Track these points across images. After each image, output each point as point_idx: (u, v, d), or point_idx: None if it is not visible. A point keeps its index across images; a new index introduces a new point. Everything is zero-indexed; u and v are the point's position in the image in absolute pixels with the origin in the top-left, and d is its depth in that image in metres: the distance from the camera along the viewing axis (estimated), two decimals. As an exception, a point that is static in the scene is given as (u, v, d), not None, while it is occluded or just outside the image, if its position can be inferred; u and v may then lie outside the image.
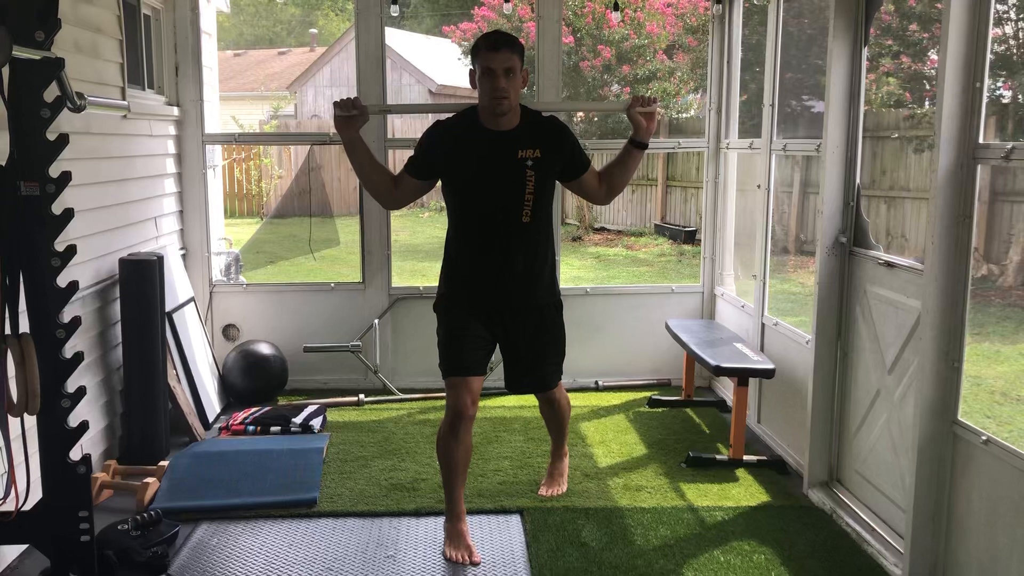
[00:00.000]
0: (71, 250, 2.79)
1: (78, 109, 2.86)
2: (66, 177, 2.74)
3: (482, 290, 3.37)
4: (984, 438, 2.78)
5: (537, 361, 3.54)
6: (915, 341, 3.15)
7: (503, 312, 3.41)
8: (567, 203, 15.12)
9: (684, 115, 13.96)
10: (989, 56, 2.83)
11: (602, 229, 14.52)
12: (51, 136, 2.71)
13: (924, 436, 2.98)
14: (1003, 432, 5.23)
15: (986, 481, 2.79)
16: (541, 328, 3.49)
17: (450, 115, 3.40)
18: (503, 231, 3.30)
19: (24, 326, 2.78)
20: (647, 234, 13.82)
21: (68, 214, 2.76)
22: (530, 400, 4.34)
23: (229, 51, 29.68)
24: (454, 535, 3.37)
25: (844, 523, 3.58)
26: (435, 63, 23.12)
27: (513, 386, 3.64)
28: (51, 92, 2.71)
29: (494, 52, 3.14)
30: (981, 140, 2.83)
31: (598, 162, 3.65)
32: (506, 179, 3.25)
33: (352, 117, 3.26)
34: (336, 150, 15.91)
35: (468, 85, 3.32)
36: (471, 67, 3.26)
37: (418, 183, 3.38)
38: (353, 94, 5.05)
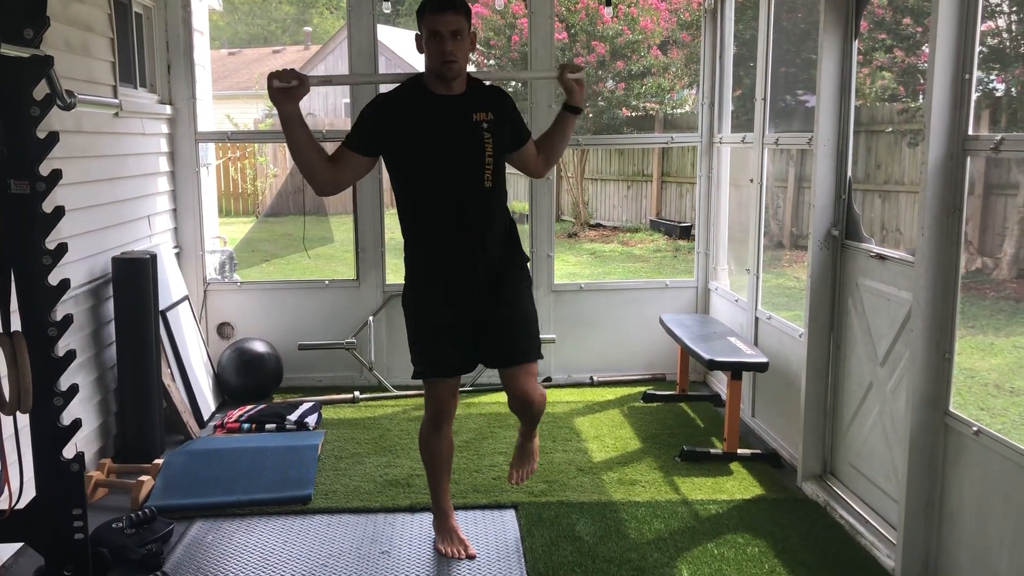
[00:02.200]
0: (62, 248, 2.79)
1: (68, 107, 2.86)
2: (56, 175, 2.74)
3: (448, 265, 3.15)
4: (975, 429, 2.79)
5: (515, 332, 3.22)
6: (907, 333, 3.16)
7: (472, 285, 3.16)
8: (563, 200, 15.14)
9: (679, 111, 13.96)
10: (979, 48, 2.83)
11: (597, 225, 14.53)
12: (41, 134, 2.70)
13: (916, 428, 2.99)
14: (996, 424, 5.25)
15: (978, 472, 2.80)
16: (517, 292, 3.24)
17: (395, 85, 3.19)
18: (465, 198, 3.10)
19: (16, 324, 2.78)
20: (642, 230, 13.83)
21: (59, 212, 2.76)
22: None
23: (223, 50, 29.63)
24: (445, 531, 3.37)
25: (837, 515, 3.59)
26: (430, 60, 23.09)
27: (495, 359, 3.26)
28: (41, 90, 2.70)
29: (439, 14, 2.96)
30: (971, 132, 2.84)
31: (595, 161, 3.62)
32: (463, 143, 3.08)
33: (290, 88, 3.00)
34: (330, 149, 15.87)
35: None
36: (417, 32, 3.08)
37: (361, 159, 3.10)
38: (346, 91, 5.05)
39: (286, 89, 3.02)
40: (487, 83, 3.31)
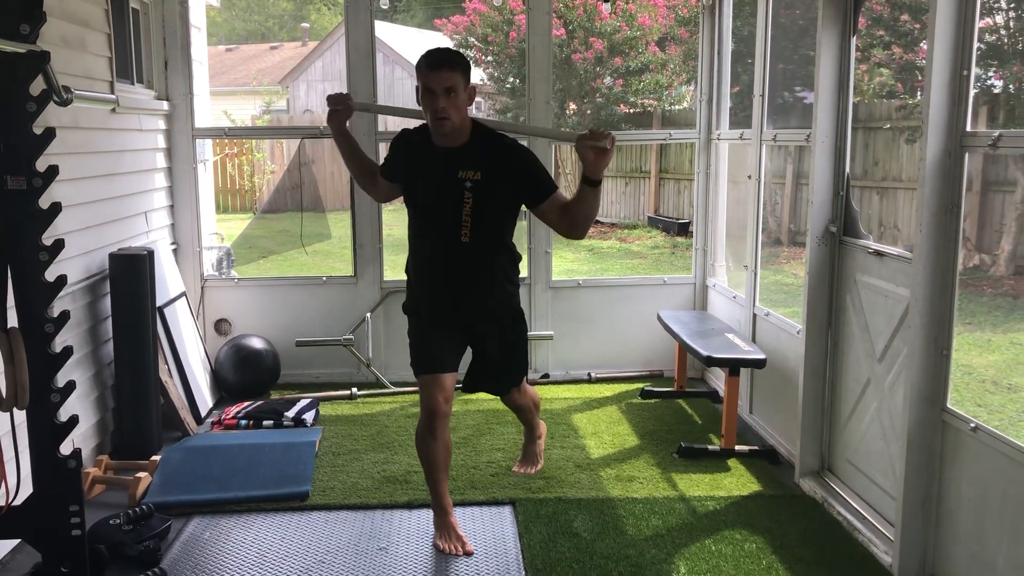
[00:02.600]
0: (59, 244, 2.78)
1: (64, 103, 2.85)
2: (53, 171, 2.73)
3: (430, 304, 3.37)
4: (973, 425, 2.80)
5: (491, 369, 3.50)
6: (904, 329, 3.16)
7: (450, 325, 3.38)
8: (560, 196, 15.11)
9: (677, 107, 13.95)
10: (977, 45, 2.83)
11: (596, 222, 14.52)
12: (38, 130, 2.70)
13: (913, 424, 2.99)
14: (994, 420, 5.25)
15: (975, 468, 2.80)
16: (498, 338, 3.44)
17: (421, 123, 3.29)
18: (442, 248, 3.26)
19: (13, 320, 2.77)
20: (640, 226, 13.82)
21: (55, 208, 2.75)
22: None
23: (221, 46, 29.59)
24: (444, 527, 3.37)
25: (835, 512, 3.60)
26: (427, 57, 23.05)
27: (468, 387, 3.57)
28: (37, 86, 2.70)
29: (434, 71, 3.04)
30: (969, 128, 2.84)
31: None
32: (443, 198, 3.19)
33: (337, 111, 3.40)
34: (329, 145, 15.87)
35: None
36: (416, 84, 3.14)
37: (388, 184, 3.45)
38: (345, 89, 5.06)
39: (334, 111, 3.42)
40: (502, 135, 3.25)
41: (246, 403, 4.82)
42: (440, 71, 3.04)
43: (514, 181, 3.17)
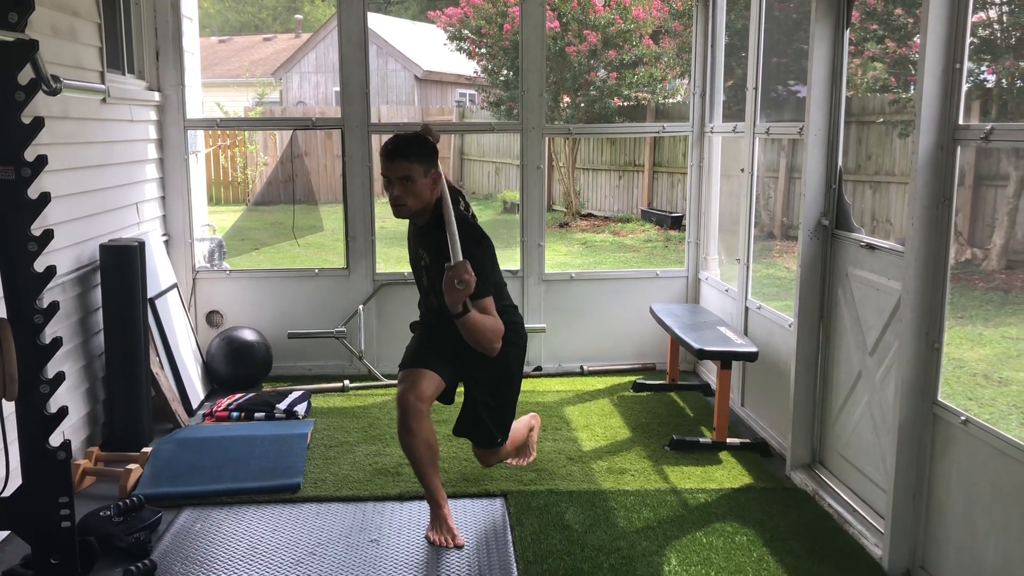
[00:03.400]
0: (48, 235, 2.76)
1: (53, 92, 2.83)
2: (42, 161, 2.71)
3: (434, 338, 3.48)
4: (963, 418, 2.80)
5: (470, 414, 3.49)
6: (896, 323, 3.16)
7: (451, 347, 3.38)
8: (554, 189, 15.12)
9: (670, 100, 13.94)
10: (969, 39, 2.83)
11: (589, 215, 14.52)
12: (26, 119, 2.68)
13: (904, 417, 2.99)
14: (984, 413, 5.27)
15: (965, 461, 2.81)
16: (483, 386, 3.44)
17: None
18: (427, 309, 3.51)
19: (1, 311, 2.76)
20: (634, 220, 13.82)
21: (44, 198, 2.73)
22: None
23: (214, 37, 29.48)
24: (436, 519, 3.37)
25: (826, 504, 3.61)
26: (421, 49, 23.03)
27: (454, 429, 3.58)
28: (26, 75, 2.67)
29: (389, 161, 3.19)
30: (961, 122, 2.84)
31: (587, 151, 3.51)
32: (415, 270, 3.48)
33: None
34: (321, 137, 15.84)
35: (454, 71, 3.29)
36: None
37: None
38: (337, 80, 5.02)
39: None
40: (461, 220, 3.24)
41: (238, 395, 4.81)
42: (395, 162, 3.19)
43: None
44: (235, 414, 4.58)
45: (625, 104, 13.84)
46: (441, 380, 3.36)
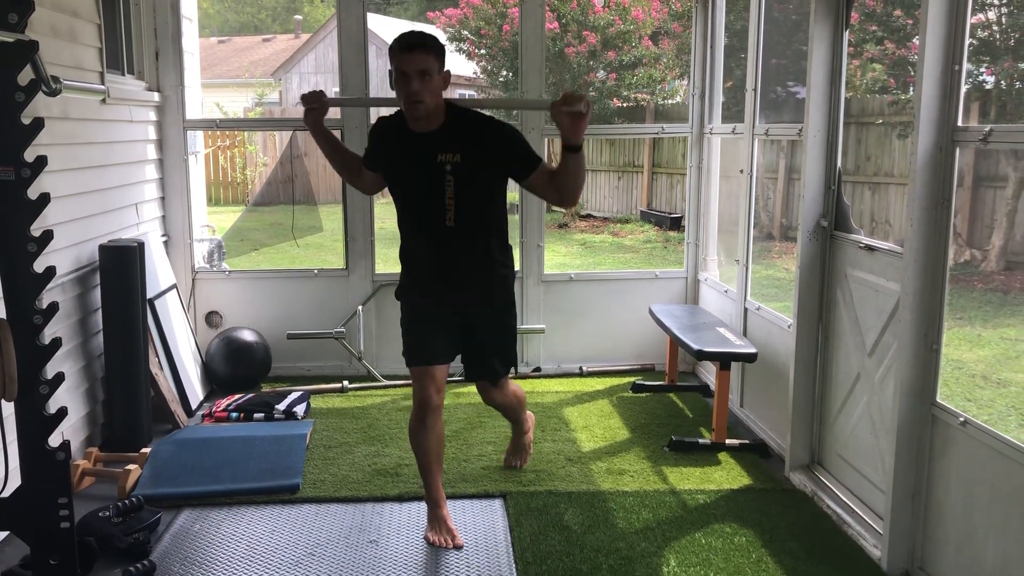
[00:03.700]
0: (47, 235, 2.76)
1: (53, 93, 2.83)
2: (42, 161, 2.71)
3: (426, 287, 3.35)
4: (962, 419, 2.81)
5: (482, 354, 3.47)
6: (895, 324, 3.16)
7: (445, 306, 3.37)
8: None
9: (670, 101, 13.96)
10: (969, 40, 2.83)
11: (588, 216, 14.53)
12: (26, 120, 2.68)
13: (903, 418, 3.00)
14: (983, 415, 5.27)
15: (964, 462, 2.81)
16: (488, 322, 3.43)
17: (397, 109, 3.24)
18: (427, 233, 3.25)
19: (1, 312, 2.76)
20: (633, 221, 13.83)
21: (44, 199, 2.73)
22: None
23: (213, 38, 29.47)
24: (435, 520, 3.37)
25: (825, 505, 3.61)
26: (420, 50, 23.00)
27: (467, 376, 3.62)
28: (26, 76, 2.67)
29: (407, 53, 2.99)
30: (960, 123, 2.84)
31: (586, 152, 3.51)
32: (425, 183, 3.16)
33: (313, 109, 3.31)
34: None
35: (453, 72, 3.23)
36: (389, 68, 3.08)
37: (372, 174, 3.43)
38: (337, 80, 5.04)
39: (309, 109, 3.32)
40: (478, 113, 3.22)
41: (237, 396, 4.82)
42: (413, 53, 2.99)
43: (497, 158, 3.14)
44: (234, 415, 4.58)
45: (624, 105, 13.86)
46: (448, 365, 3.36)
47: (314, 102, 3.30)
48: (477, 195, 3.18)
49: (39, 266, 2.74)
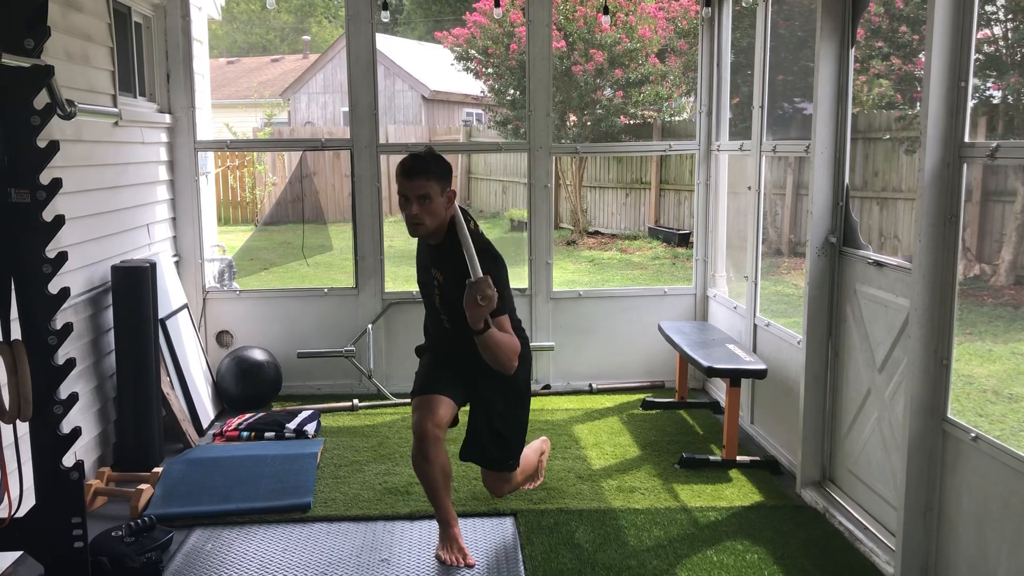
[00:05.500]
0: (62, 257, 2.80)
1: (68, 116, 2.88)
2: (57, 184, 2.75)
3: (438, 358, 3.53)
4: (973, 435, 2.80)
5: (480, 435, 3.49)
6: (905, 340, 3.17)
7: (461, 366, 3.44)
8: (561, 207, 15.16)
9: (677, 118, 13.99)
10: (975, 56, 2.85)
11: (596, 233, 14.54)
12: (41, 143, 2.72)
13: (914, 434, 2.99)
14: (995, 430, 5.25)
15: (976, 478, 2.80)
16: (494, 404, 3.46)
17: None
18: (436, 330, 3.52)
19: (16, 333, 2.79)
20: (641, 237, 13.84)
21: (59, 221, 2.77)
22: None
23: (222, 59, 29.70)
24: (447, 538, 3.37)
25: (837, 522, 3.60)
26: (428, 69, 23.17)
27: (461, 453, 3.57)
28: (41, 99, 2.72)
29: (408, 179, 3.20)
30: (967, 139, 2.86)
31: (594, 169, 3.53)
32: (425, 289, 3.47)
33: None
34: (329, 157, 15.93)
35: (461, 91, 3.32)
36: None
37: None
38: (346, 100, 5.06)
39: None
40: (477, 237, 3.27)
41: (248, 415, 4.83)
42: (414, 180, 3.19)
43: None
44: (245, 434, 4.59)
45: (632, 122, 13.90)
46: (454, 404, 3.38)
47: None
48: (462, 309, 3.19)
49: (54, 287, 2.78)
